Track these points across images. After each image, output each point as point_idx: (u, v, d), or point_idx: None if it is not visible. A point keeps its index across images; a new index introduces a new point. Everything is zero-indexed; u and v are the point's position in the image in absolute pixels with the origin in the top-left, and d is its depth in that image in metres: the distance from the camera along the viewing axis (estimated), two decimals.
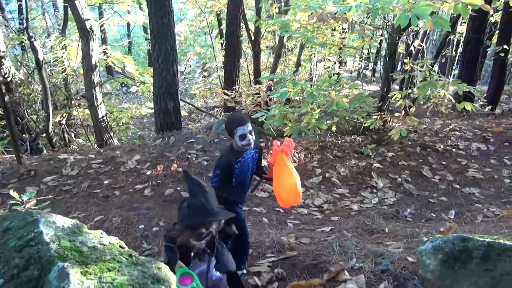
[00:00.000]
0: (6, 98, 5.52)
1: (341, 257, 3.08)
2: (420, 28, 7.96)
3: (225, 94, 8.63)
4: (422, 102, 8.80)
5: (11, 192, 2.65)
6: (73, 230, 1.78)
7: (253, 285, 3.02)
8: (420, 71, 6.69)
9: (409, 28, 6.92)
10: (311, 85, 6.03)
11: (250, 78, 11.75)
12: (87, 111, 8.55)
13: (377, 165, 5.70)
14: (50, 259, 1.54)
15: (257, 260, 3.30)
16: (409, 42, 8.11)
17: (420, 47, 8.66)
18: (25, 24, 8.58)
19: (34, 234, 1.65)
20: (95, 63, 7.35)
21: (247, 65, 12.39)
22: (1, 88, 5.47)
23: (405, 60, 6.84)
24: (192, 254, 2.07)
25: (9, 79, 7.99)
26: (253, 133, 2.66)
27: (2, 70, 7.69)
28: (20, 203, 2.56)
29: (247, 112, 8.61)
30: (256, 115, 5.89)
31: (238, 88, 9.03)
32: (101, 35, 15.27)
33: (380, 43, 16.67)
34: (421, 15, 3.69)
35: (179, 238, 2.02)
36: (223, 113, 9.76)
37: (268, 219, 4.37)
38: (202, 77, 14.33)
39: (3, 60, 7.80)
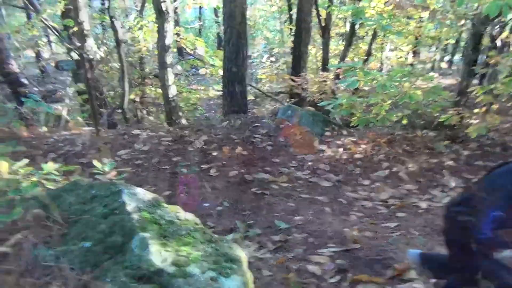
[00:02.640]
0: (89, 74, 5.92)
1: (406, 255, 2.97)
2: (510, 19, 7.29)
3: (292, 80, 8.57)
4: (504, 100, 8.11)
5: (94, 162, 2.85)
6: (152, 203, 1.88)
7: (312, 273, 3.02)
8: (506, 65, 6.15)
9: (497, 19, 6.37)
10: (381, 76, 5.79)
11: (317, 65, 11.53)
12: (159, 90, 8.93)
13: (450, 163, 5.37)
14: (132, 228, 1.64)
15: (318, 249, 3.29)
16: (495, 33, 7.46)
17: (508, 40, 7.95)
18: (106, 5, 9.08)
19: (118, 203, 1.77)
20: (169, 44, 7.60)
21: (315, 52, 12.16)
22: (85, 64, 5.88)
23: (490, 53, 6.31)
24: None
25: (91, 57, 8.53)
26: None
27: (85, 47, 8.22)
28: (102, 172, 2.76)
29: (313, 99, 8.49)
30: (322, 103, 5.80)
31: (305, 75, 8.92)
32: (174, 17, 15.74)
33: (460, 34, 15.51)
34: None
35: None
36: (288, 100, 9.71)
37: (331, 209, 4.31)
38: (270, 62, 14.34)
39: (87, 38, 8.32)
